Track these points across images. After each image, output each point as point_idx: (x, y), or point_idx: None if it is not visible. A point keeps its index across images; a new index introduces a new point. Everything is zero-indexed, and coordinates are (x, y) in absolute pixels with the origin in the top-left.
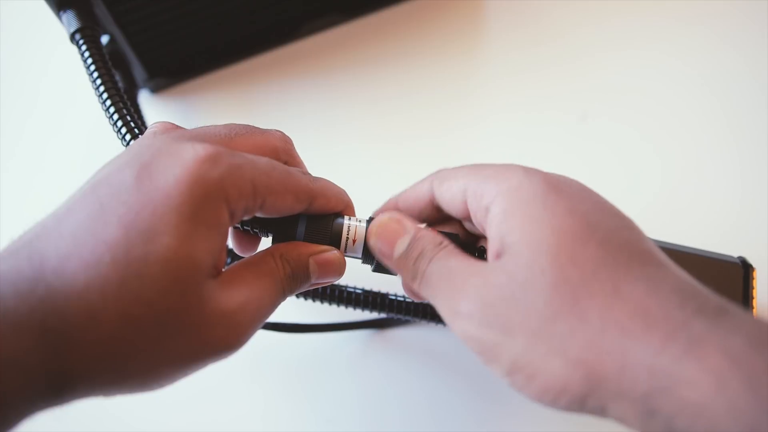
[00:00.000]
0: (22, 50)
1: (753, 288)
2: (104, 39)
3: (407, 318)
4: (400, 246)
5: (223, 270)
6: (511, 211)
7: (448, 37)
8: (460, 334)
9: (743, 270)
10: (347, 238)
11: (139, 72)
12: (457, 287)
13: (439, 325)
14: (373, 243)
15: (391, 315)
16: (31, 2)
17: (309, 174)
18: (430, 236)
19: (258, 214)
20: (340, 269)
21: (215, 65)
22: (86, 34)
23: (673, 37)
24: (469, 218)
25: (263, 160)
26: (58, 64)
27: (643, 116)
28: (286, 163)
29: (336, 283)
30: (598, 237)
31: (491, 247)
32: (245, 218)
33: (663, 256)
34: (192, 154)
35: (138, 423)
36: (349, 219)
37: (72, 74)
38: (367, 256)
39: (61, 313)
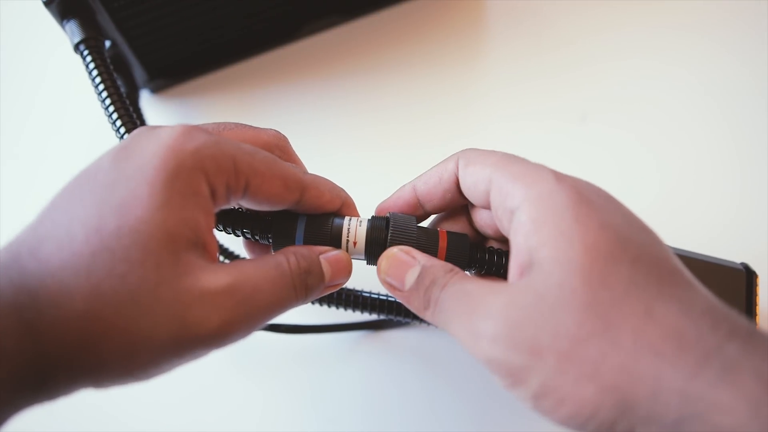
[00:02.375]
0: (22, 50)
1: (756, 295)
2: (106, 44)
3: (403, 320)
4: (410, 278)
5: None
6: (541, 221)
7: (449, 37)
8: (483, 357)
9: (747, 276)
10: (347, 240)
11: (139, 73)
12: (477, 309)
13: (432, 326)
14: (382, 278)
15: (388, 317)
16: (32, 3)
17: (300, 167)
18: (440, 264)
19: (245, 203)
20: (348, 269)
21: (215, 66)
22: (90, 45)
23: (674, 46)
24: (488, 207)
25: (247, 145)
26: (59, 65)
27: (643, 123)
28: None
29: None
30: (630, 255)
31: (516, 258)
32: (232, 201)
33: (690, 275)
34: (169, 131)
35: (138, 423)
36: (349, 220)
37: (72, 74)
38: (371, 256)
39: (34, 292)
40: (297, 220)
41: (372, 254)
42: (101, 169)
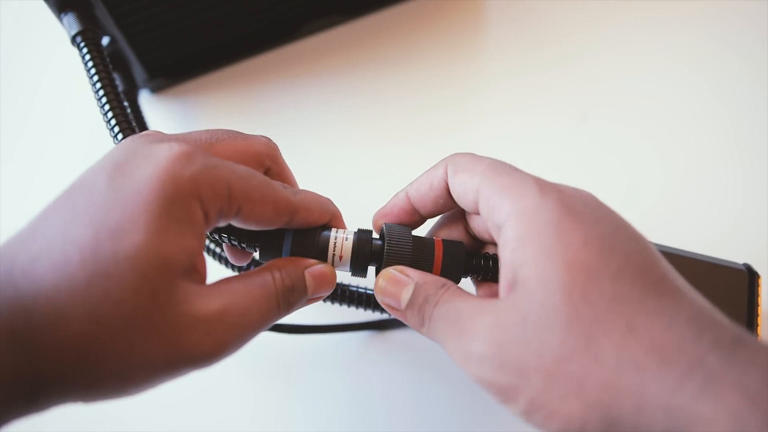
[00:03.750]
0: (22, 50)
1: (758, 296)
2: (104, 40)
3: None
4: (405, 296)
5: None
6: (526, 238)
7: (448, 36)
8: (474, 377)
9: (749, 277)
10: (333, 254)
11: (139, 72)
12: (466, 329)
13: None
14: (380, 299)
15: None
16: (31, 2)
17: (291, 187)
18: (432, 280)
19: (235, 223)
20: (331, 283)
21: (215, 65)
22: (87, 37)
23: (674, 41)
24: (479, 214)
25: (243, 167)
26: (58, 65)
27: (643, 119)
28: (269, 168)
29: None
30: (613, 268)
31: (504, 273)
32: (221, 224)
33: (679, 280)
34: (166, 152)
35: (139, 423)
36: (336, 232)
37: (72, 74)
38: (357, 269)
39: (29, 314)
40: (284, 233)
41: (357, 267)
42: (96, 187)
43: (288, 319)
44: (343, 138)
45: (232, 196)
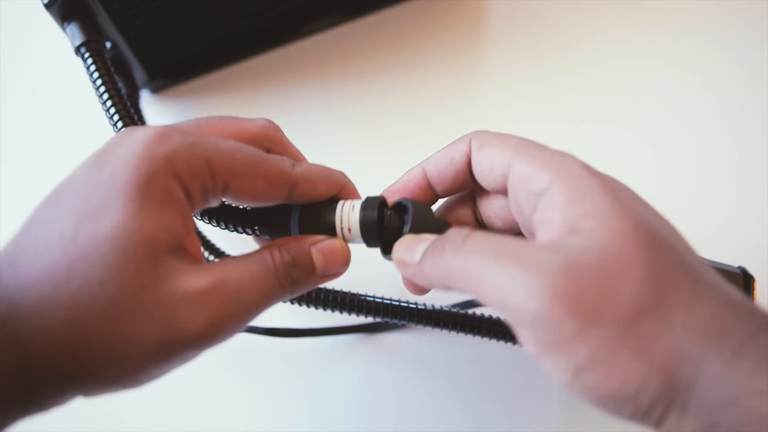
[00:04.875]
0: (22, 51)
1: (754, 299)
2: (106, 45)
3: (399, 322)
4: (421, 249)
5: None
6: (580, 198)
7: (450, 37)
8: (529, 313)
9: (744, 280)
10: (341, 227)
11: (139, 74)
12: (526, 263)
13: (429, 328)
14: (395, 257)
15: (384, 319)
16: (31, 4)
17: (291, 160)
18: (455, 230)
19: (229, 201)
20: (344, 258)
21: (215, 66)
22: (91, 48)
23: (674, 47)
24: (501, 192)
25: (228, 142)
26: (58, 66)
27: (644, 125)
28: (270, 150)
29: (325, 286)
30: (672, 237)
31: (551, 233)
32: (212, 203)
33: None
34: (142, 135)
35: (138, 423)
36: (342, 204)
37: (72, 75)
38: (369, 239)
39: (16, 305)
40: (291, 211)
41: (368, 237)
42: (77, 179)
43: (282, 323)
44: (343, 139)
45: (214, 171)
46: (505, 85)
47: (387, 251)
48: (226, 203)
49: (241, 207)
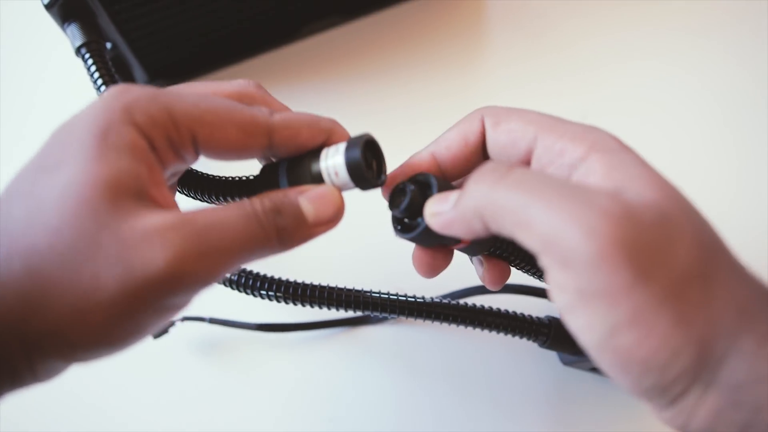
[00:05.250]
0: (22, 52)
1: None
2: (107, 46)
3: (380, 315)
4: (455, 196)
5: None
6: (622, 166)
7: (450, 38)
8: (583, 255)
9: None
10: (329, 174)
11: (139, 74)
12: (582, 201)
13: (411, 319)
14: (428, 210)
15: (365, 313)
16: (31, 4)
17: (268, 108)
18: (495, 161)
19: (208, 156)
20: (336, 203)
21: (215, 67)
22: (92, 48)
23: (675, 48)
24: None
25: (194, 94)
26: (58, 66)
27: (644, 125)
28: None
29: (309, 282)
30: (706, 218)
31: None
32: (187, 159)
33: None
34: (103, 94)
35: (134, 424)
36: (327, 149)
37: (72, 75)
38: (359, 181)
39: None
40: (279, 167)
41: (357, 177)
42: (43, 144)
43: (265, 318)
44: None
45: (177, 120)
46: (505, 85)
47: (404, 229)
48: (216, 177)
49: (232, 178)
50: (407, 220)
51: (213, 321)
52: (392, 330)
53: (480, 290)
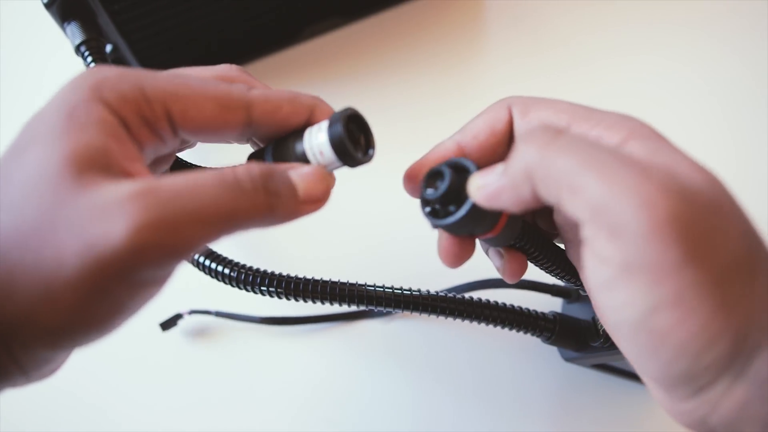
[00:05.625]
0: (22, 52)
1: None
2: (107, 47)
3: (375, 309)
4: (500, 167)
5: None
6: (662, 151)
7: (449, 37)
8: (634, 227)
9: None
10: (313, 153)
11: None
12: (640, 172)
13: (414, 314)
14: (474, 185)
15: (360, 307)
16: (32, 4)
17: (246, 84)
18: (544, 125)
19: (187, 136)
20: (325, 182)
21: None
22: (91, 46)
23: (673, 42)
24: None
25: (165, 72)
26: (59, 67)
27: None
28: None
29: (310, 277)
30: None
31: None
32: (167, 139)
33: None
34: (74, 76)
35: (141, 413)
36: (310, 129)
37: (73, 75)
38: (345, 156)
39: None
40: (264, 152)
41: (342, 153)
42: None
43: (259, 312)
44: None
45: (149, 96)
46: (504, 82)
47: (439, 215)
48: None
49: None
50: (438, 207)
51: (219, 314)
52: (394, 324)
53: (479, 285)
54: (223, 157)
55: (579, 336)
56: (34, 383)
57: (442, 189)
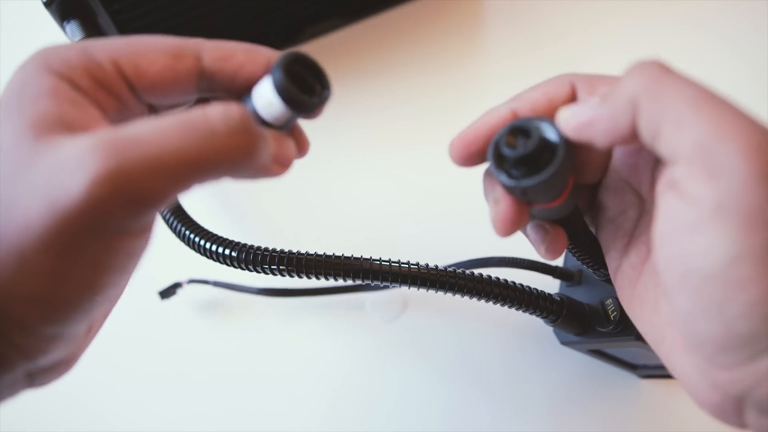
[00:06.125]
0: (22, 51)
1: None
2: None
3: (381, 284)
4: (597, 97)
5: None
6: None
7: (449, 37)
8: (740, 167)
9: None
10: (265, 109)
11: None
12: (743, 116)
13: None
14: (564, 118)
15: (365, 281)
16: (31, 3)
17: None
18: (647, 60)
19: (152, 98)
20: (291, 148)
21: None
22: None
23: (672, 40)
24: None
25: (115, 37)
26: None
27: None
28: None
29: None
30: None
31: None
32: (129, 104)
33: None
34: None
35: (140, 378)
36: (258, 82)
37: None
38: (294, 104)
39: None
40: None
41: (291, 100)
42: None
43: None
44: (345, 140)
45: (97, 57)
46: (504, 80)
47: (525, 173)
48: None
49: None
50: (512, 168)
51: (217, 284)
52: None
53: (478, 263)
54: None
55: (583, 320)
56: (51, 378)
57: (529, 148)
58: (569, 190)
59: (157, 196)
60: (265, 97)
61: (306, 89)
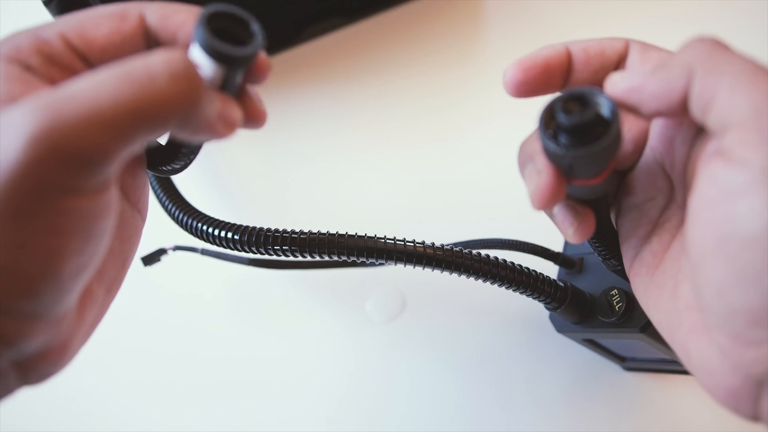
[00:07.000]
0: None
1: None
2: None
3: (376, 262)
4: (650, 65)
5: None
6: None
7: (450, 37)
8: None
9: None
10: (203, 70)
11: None
12: None
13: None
14: (615, 83)
15: (370, 260)
16: (31, 3)
17: None
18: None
19: (92, 60)
20: (236, 113)
21: None
22: None
23: (673, 39)
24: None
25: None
26: None
27: None
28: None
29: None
30: None
31: None
32: (76, 69)
33: None
34: None
35: (125, 346)
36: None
37: None
38: (224, 59)
39: None
40: None
41: (221, 56)
42: None
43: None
44: (346, 140)
45: (44, 36)
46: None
47: (580, 141)
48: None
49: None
50: (562, 135)
51: (205, 252)
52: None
53: (478, 244)
54: (223, 156)
55: (585, 308)
56: (45, 370)
57: (586, 117)
58: (610, 169)
59: (97, 150)
60: (195, 55)
61: (237, 43)
